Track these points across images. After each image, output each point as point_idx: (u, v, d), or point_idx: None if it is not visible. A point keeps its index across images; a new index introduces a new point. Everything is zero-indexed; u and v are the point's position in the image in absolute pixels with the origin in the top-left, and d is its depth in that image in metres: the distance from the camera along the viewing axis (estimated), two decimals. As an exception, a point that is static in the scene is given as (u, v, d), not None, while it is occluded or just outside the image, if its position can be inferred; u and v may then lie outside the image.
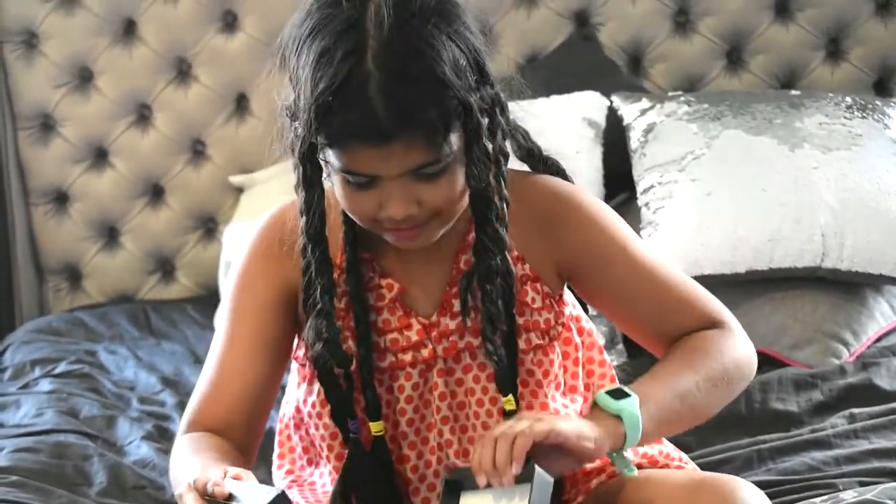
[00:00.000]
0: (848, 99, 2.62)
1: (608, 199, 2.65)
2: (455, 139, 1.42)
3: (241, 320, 1.58)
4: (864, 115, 2.58)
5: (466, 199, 1.48)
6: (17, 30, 2.97)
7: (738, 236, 2.40)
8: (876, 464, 1.90)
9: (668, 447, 1.67)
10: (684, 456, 1.68)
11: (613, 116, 2.71)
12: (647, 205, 2.50)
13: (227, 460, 1.46)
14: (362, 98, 1.38)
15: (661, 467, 1.62)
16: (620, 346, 2.49)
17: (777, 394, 2.20)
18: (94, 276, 3.05)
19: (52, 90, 2.99)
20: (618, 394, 1.46)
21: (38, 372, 2.56)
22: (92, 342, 2.74)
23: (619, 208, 2.65)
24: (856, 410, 2.10)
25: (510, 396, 1.53)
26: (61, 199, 3.03)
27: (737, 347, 1.58)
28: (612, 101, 2.74)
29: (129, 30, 2.98)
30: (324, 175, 1.48)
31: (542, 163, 1.65)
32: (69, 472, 2.10)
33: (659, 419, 1.48)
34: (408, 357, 1.56)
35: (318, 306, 1.52)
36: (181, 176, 3.02)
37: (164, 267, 3.05)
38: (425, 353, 1.56)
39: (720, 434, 2.10)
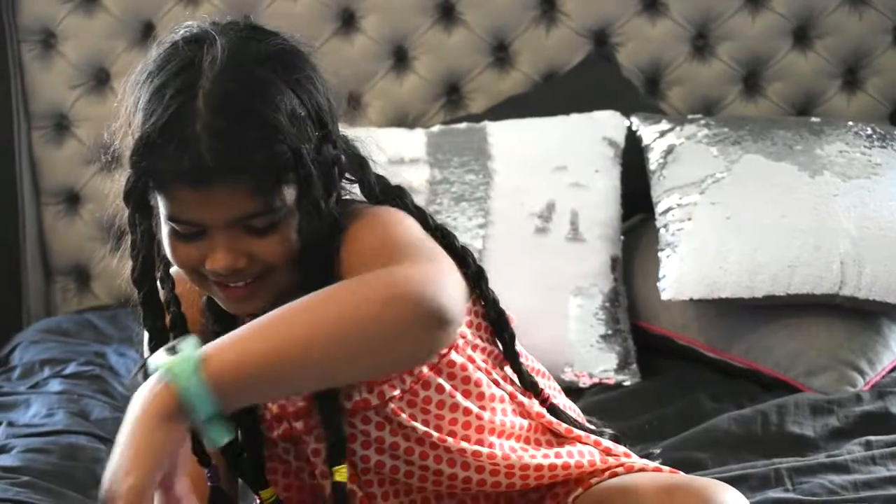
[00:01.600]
0: (868, 128, 2.63)
1: (625, 219, 2.65)
2: (289, 193, 1.37)
3: None
4: (884, 144, 2.58)
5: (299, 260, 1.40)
6: (35, 29, 2.96)
7: (757, 261, 2.39)
8: (894, 491, 1.90)
9: (642, 461, 1.62)
10: (663, 467, 1.61)
11: (632, 137, 2.71)
12: (665, 226, 2.50)
13: None
14: (187, 136, 1.32)
15: (639, 471, 1.57)
16: (634, 367, 2.49)
17: (794, 417, 2.19)
18: (103, 277, 3.03)
19: (67, 90, 2.98)
20: (171, 349, 1.28)
21: (47, 372, 2.54)
22: (101, 344, 2.72)
23: (636, 229, 2.68)
24: (872, 438, 2.10)
25: (341, 468, 1.44)
26: (73, 199, 3.01)
27: (394, 275, 1.30)
28: (630, 122, 2.74)
29: (147, 33, 2.97)
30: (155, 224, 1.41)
31: (385, 190, 1.52)
32: (80, 475, 2.08)
33: (240, 376, 1.25)
34: (300, 424, 1.50)
35: (145, 355, 1.47)
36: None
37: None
38: (314, 419, 1.49)
39: (735, 454, 2.10)
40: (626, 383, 2.46)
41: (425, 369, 1.51)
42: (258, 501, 1.54)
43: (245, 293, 1.40)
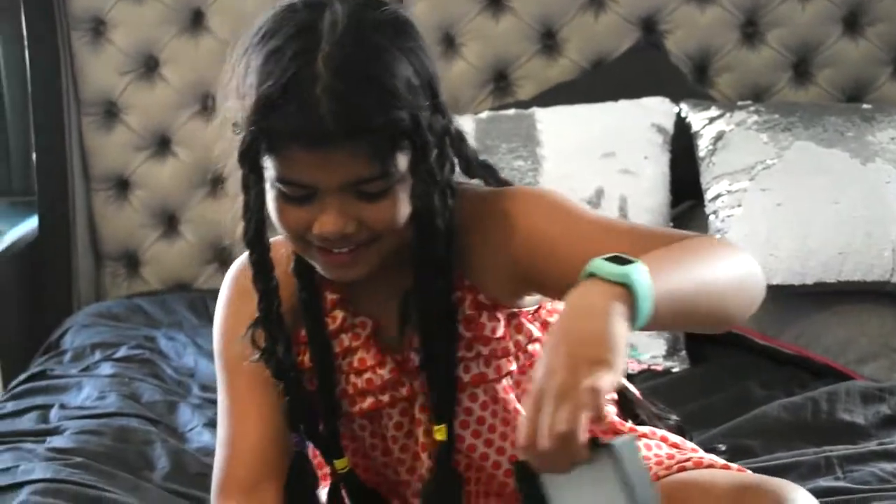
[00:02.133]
0: (919, 115, 2.61)
1: (674, 205, 2.64)
2: (402, 160, 1.36)
3: (233, 371, 1.53)
4: (936, 131, 2.56)
5: (407, 228, 1.41)
6: (86, 17, 2.98)
7: (808, 248, 2.38)
8: (948, 481, 1.88)
9: (710, 455, 1.62)
10: (731, 464, 1.60)
11: (681, 124, 2.70)
12: (714, 213, 2.50)
13: None
14: (307, 98, 1.32)
15: (707, 466, 1.56)
16: (683, 353, 2.49)
17: (844, 405, 2.18)
18: (152, 263, 3.05)
19: (117, 77, 3.00)
20: (617, 260, 1.23)
21: (98, 355, 2.56)
22: (151, 328, 2.74)
23: (685, 215, 2.67)
24: (924, 426, 2.09)
25: (442, 426, 1.46)
26: (122, 185, 3.03)
27: (735, 247, 1.38)
28: (680, 109, 2.73)
29: (196, 20, 2.99)
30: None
31: (497, 181, 1.55)
32: (132, 457, 2.10)
33: (672, 297, 1.25)
34: (386, 397, 1.52)
35: (257, 315, 1.47)
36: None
37: (222, 257, 3.05)
38: (403, 391, 1.51)
39: (785, 442, 2.09)
40: (675, 370, 2.45)
41: (537, 346, 1.52)
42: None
43: (348, 260, 1.40)
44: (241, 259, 1.54)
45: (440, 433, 1.46)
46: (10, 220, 2.99)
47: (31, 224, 2.98)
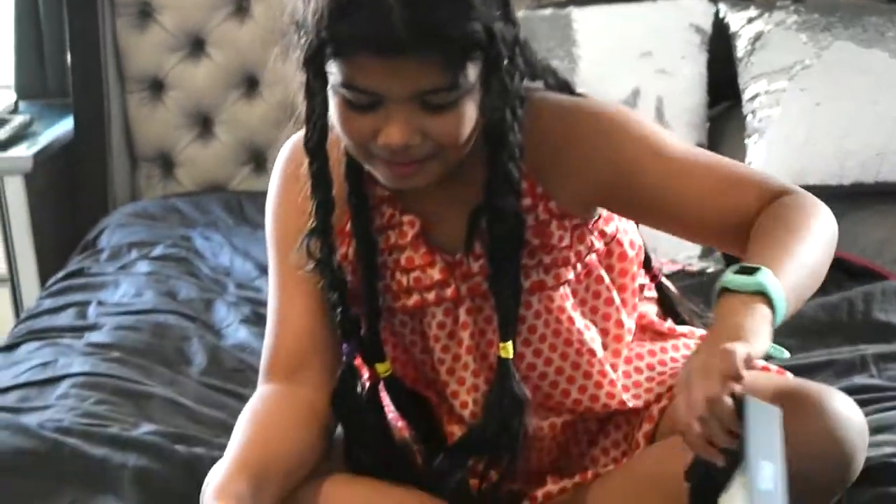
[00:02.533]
0: (962, 13, 2.57)
1: (712, 105, 2.62)
2: (472, 71, 1.35)
3: (282, 255, 1.54)
4: (978, 30, 2.53)
5: (471, 141, 1.40)
6: (118, -87, 2.97)
7: (846, 148, 2.37)
8: (981, 378, 1.88)
9: None
10: (770, 366, 1.62)
11: (719, 24, 2.67)
12: (752, 112, 2.48)
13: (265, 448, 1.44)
14: (380, 5, 1.31)
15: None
16: (717, 254, 2.48)
17: (880, 305, 2.17)
18: (187, 164, 3.06)
19: (151, -24, 2.99)
20: (744, 271, 1.32)
21: (135, 254, 2.58)
22: (187, 228, 2.75)
23: (722, 116, 2.65)
24: (959, 325, 2.09)
25: (508, 344, 1.47)
26: (157, 86, 3.03)
27: (817, 206, 1.45)
28: (718, 8, 2.70)
29: (229, -82, 2.97)
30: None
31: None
32: (169, 352, 2.13)
33: (793, 288, 1.34)
34: (431, 296, 1.52)
35: (313, 224, 1.47)
36: (276, 68, 2.99)
37: (257, 159, 3.06)
38: (449, 291, 1.52)
39: (820, 340, 2.10)
40: (709, 270, 2.45)
41: (593, 257, 1.53)
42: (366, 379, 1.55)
43: (410, 171, 1.40)
44: (292, 141, 1.54)
45: (505, 351, 1.46)
46: (46, 121, 2.99)
47: (66, 125, 2.98)
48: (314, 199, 1.46)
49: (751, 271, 1.31)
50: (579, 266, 1.53)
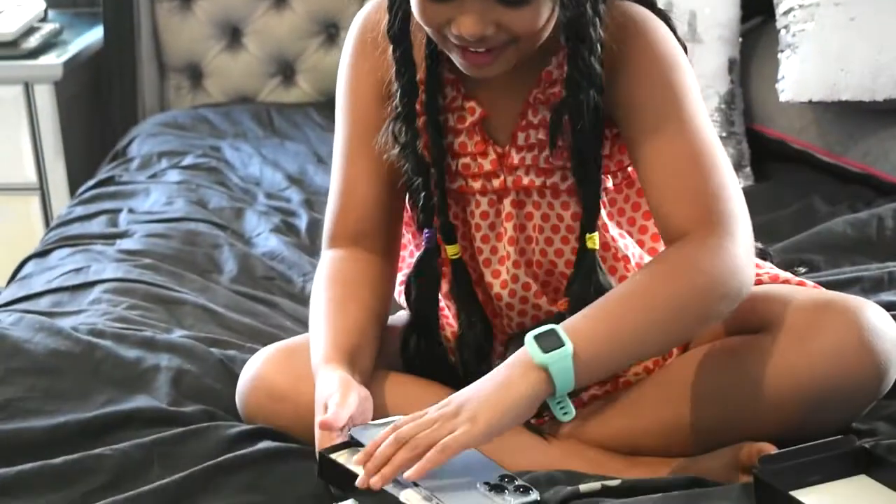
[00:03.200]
0: None
1: (745, 20, 2.60)
2: None
3: (350, 122, 1.57)
4: None
5: (546, 33, 1.41)
6: None
7: (880, 63, 2.34)
8: None
9: (785, 272, 1.64)
10: (806, 281, 1.64)
11: (753, -63, 2.64)
12: (786, 27, 2.45)
13: (359, 312, 1.49)
14: None
15: (783, 282, 1.59)
16: (748, 170, 2.48)
17: (910, 222, 2.17)
18: (216, 75, 3.05)
19: None
20: (549, 341, 1.35)
21: (165, 163, 2.59)
22: (216, 138, 2.75)
23: (755, 31, 2.63)
24: None
25: (594, 235, 1.49)
26: (186, -4, 3.03)
27: (717, 264, 1.40)
28: (753, -79, 2.66)
29: None
30: None
31: (653, 8, 1.53)
32: (200, 259, 2.14)
33: (596, 367, 1.37)
34: (477, 185, 1.54)
35: (398, 109, 1.50)
36: (306, -21, 3.00)
37: (285, 71, 3.05)
38: (496, 182, 1.54)
39: (848, 257, 2.10)
40: (740, 186, 2.44)
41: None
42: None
43: (486, 60, 1.41)
44: (366, 10, 1.56)
45: (591, 241, 1.49)
46: (75, 30, 2.99)
47: (95, 34, 2.98)
48: (398, 83, 1.49)
49: (552, 344, 1.34)
50: (619, 175, 1.54)
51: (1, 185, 2.85)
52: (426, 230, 1.53)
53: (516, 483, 1.33)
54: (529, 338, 1.35)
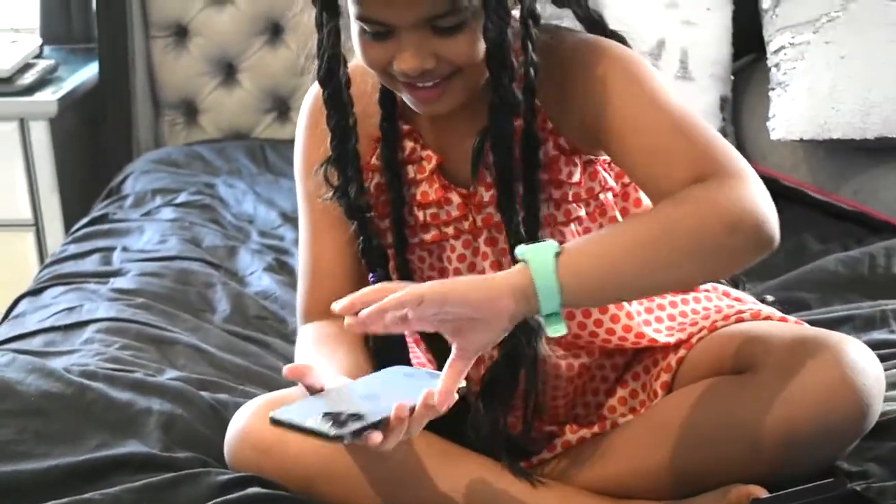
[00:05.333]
0: None
1: (736, 58, 2.61)
2: None
3: (310, 202, 1.58)
4: None
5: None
6: None
7: (870, 102, 2.35)
8: None
9: (768, 308, 1.64)
10: (788, 317, 1.63)
11: (745, -25, 2.66)
12: (777, 66, 2.47)
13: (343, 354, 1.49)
14: None
15: (765, 318, 1.59)
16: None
17: (902, 261, 2.18)
18: (210, 111, 3.07)
19: (176, -77, 2.99)
20: (539, 255, 1.31)
21: (159, 201, 2.59)
22: (210, 175, 2.76)
23: (746, 69, 2.64)
24: (979, 282, 2.08)
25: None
26: (181, 33, 3.03)
27: (731, 198, 1.33)
28: (744, -40, 2.68)
29: None
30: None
31: (605, 34, 1.54)
32: (193, 298, 2.14)
33: (587, 273, 1.31)
34: (450, 230, 1.55)
35: (329, 153, 1.50)
36: (301, 15, 2.99)
37: (280, 107, 3.06)
38: (467, 224, 1.55)
39: (840, 295, 2.10)
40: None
41: (609, 196, 1.54)
42: None
43: (433, 94, 1.43)
44: (316, 88, 1.56)
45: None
46: (71, 66, 3.00)
47: (91, 71, 2.99)
48: (329, 126, 1.49)
49: (542, 260, 1.31)
50: (592, 204, 1.54)
51: (-5, 221, 2.86)
52: (371, 275, 1.54)
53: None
54: (528, 247, 1.32)
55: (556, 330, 1.32)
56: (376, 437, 1.27)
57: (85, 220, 2.55)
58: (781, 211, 2.39)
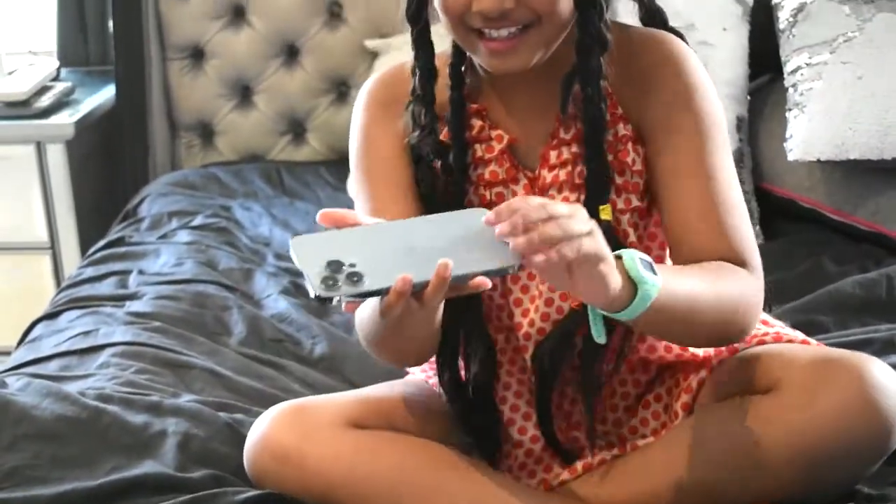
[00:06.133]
0: None
1: (752, 78, 2.60)
2: None
3: (373, 178, 1.56)
4: None
5: (565, 18, 1.43)
6: None
7: (888, 122, 2.34)
8: None
9: (791, 331, 1.64)
10: (810, 339, 1.64)
11: (762, -5, 2.65)
12: (793, 86, 2.46)
13: None
14: None
15: (787, 341, 1.59)
16: (757, 228, 2.47)
17: (920, 282, 2.16)
18: (227, 133, 3.07)
19: (192, -54, 3.00)
20: (646, 265, 1.32)
21: (175, 223, 2.59)
22: (226, 198, 2.76)
23: (763, 89, 2.63)
24: None
25: (606, 206, 1.48)
26: (197, 55, 3.04)
27: (750, 289, 1.44)
28: (760, -20, 2.68)
29: None
30: None
31: (665, 28, 1.57)
32: (209, 321, 2.14)
33: (661, 311, 1.33)
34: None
35: (416, 92, 1.50)
36: (317, 38, 3.01)
37: (296, 129, 3.07)
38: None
39: (857, 317, 2.09)
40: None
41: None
42: None
43: (507, 46, 1.42)
44: (375, 74, 1.58)
45: (605, 212, 1.48)
46: (88, 88, 3.01)
47: (108, 93, 3.00)
48: (417, 66, 1.50)
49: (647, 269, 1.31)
50: (646, 198, 1.54)
51: (13, 244, 2.86)
52: None
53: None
54: (631, 252, 1.31)
55: (599, 336, 1.34)
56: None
57: (101, 243, 2.55)
58: (799, 232, 2.46)
